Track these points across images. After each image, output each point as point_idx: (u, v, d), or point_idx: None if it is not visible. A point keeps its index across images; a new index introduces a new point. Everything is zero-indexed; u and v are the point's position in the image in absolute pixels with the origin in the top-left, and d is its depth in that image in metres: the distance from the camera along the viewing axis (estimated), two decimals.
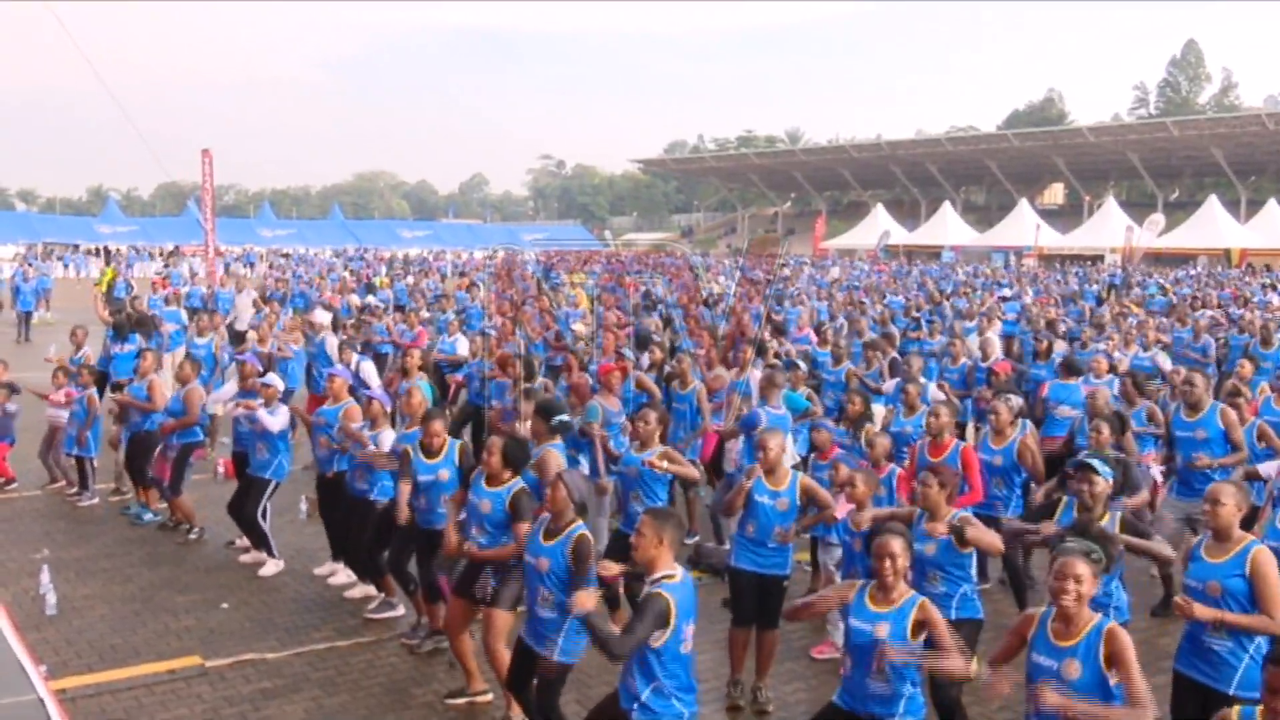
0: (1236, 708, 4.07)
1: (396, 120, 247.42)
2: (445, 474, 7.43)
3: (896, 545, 5.00)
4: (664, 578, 4.93)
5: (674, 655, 4.87)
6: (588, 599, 5.01)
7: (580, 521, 5.89)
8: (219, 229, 42.19)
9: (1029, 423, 9.16)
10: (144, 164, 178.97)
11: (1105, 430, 8.11)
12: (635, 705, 4.89)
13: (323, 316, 14.60)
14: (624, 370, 10.53)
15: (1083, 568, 4.45)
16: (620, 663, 4.92)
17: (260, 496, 9.63)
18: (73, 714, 5.65)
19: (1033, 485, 8.54)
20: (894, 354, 13.40)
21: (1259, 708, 3.94)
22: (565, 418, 7.68)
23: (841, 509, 7.17)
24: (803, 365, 11.69)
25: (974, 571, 6.38)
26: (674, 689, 4.90)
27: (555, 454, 7.43)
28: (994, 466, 8.46)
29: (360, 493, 8.52)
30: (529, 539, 6.03)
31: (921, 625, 4.93)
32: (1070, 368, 11.23)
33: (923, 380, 10.95)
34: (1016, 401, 9.35)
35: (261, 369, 10.56)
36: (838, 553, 7.70)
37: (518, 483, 6.70)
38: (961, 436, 10.26)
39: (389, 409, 9.02)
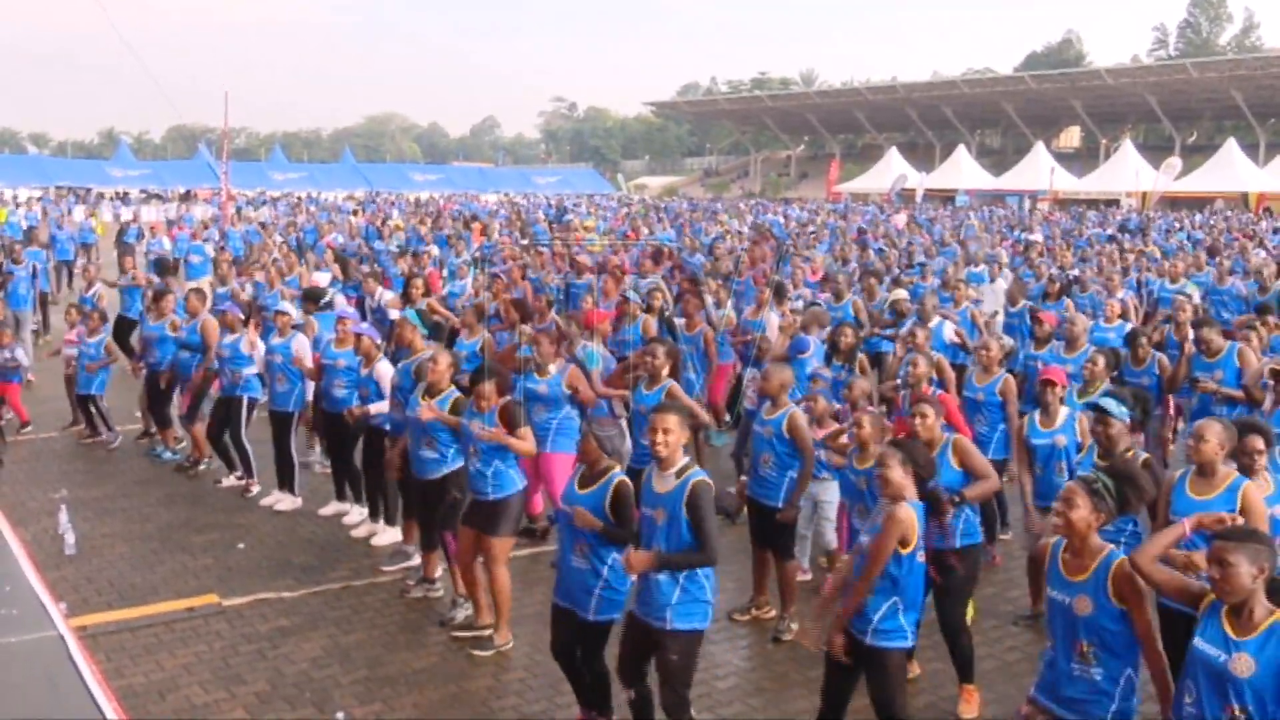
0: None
1: (408, 63, 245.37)
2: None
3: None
4: (687, 467, 5.20)
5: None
6: (639, 561, 5.05)
7: (618, 468, 5.58)
8: (230, 172, 42.14)
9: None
10: (155, 107, 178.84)
11: (1100, 362, 8.07)
12: (672, 601, 5.11)
13: (323, 277, 14.40)
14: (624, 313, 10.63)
15: (1079, 495, 4.40)
16: (715, 564, 5.17)
17: (286, 430, 9.82)
18: (93, 650, 5.75)
19: None
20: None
21: None
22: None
23: (821, 434, 7.39)
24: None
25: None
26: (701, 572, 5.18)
27: (578, 370, 8.24)
28: (976, 403, 8.32)
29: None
30: (565, 489, 5.76)
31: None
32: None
33: (937, 318, 10.75)
34: (1008, 341, 9.30)
35: (244, 318, 10.44)
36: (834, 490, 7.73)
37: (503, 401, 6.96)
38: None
39: (380, 343, 9.14)
